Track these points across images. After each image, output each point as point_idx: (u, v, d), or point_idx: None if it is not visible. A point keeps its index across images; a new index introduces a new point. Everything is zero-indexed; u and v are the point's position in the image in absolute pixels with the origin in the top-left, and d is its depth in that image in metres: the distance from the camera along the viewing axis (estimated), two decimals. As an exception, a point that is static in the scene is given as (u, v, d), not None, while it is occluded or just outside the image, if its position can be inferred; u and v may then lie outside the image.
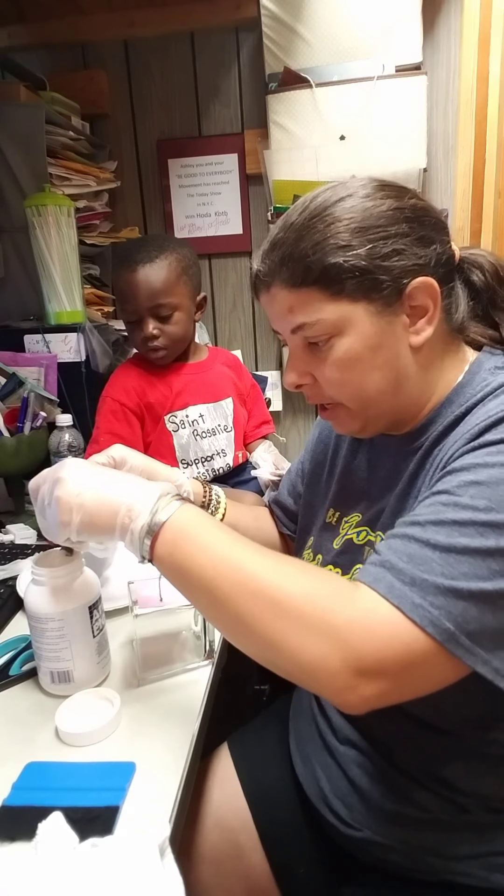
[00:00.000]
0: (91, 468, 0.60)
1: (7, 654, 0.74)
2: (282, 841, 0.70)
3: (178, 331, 1.18)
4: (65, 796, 0.53)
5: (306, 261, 0.57)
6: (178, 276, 1.15)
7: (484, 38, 1.51)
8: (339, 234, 0.57)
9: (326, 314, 0.58)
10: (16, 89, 1.40)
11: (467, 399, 0.59)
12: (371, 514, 0.67)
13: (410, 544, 0.50)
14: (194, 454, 1.23)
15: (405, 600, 0.47)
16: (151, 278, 1.13)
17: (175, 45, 1.72)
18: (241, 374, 1.39)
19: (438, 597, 0.46)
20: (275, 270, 0.60)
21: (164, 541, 0.54)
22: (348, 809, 0.63)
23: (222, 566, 0.52)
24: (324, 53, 1.55)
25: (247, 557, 0.52)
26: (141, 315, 1.15)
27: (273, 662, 0.51)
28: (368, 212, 0.57)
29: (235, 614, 0.51)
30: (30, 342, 1.35)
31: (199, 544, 0.53)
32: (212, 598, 0.52)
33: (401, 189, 0.61)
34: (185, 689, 0.68)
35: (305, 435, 1.95)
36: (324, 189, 0.60)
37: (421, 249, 0.58)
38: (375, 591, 0.49)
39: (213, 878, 0.69)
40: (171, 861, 0.46)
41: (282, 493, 0.89)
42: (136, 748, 0.59)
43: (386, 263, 0.57)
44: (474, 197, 1.60)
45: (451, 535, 0.48)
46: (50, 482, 0.59)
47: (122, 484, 0.58)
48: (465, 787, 0.58)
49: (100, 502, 0.56)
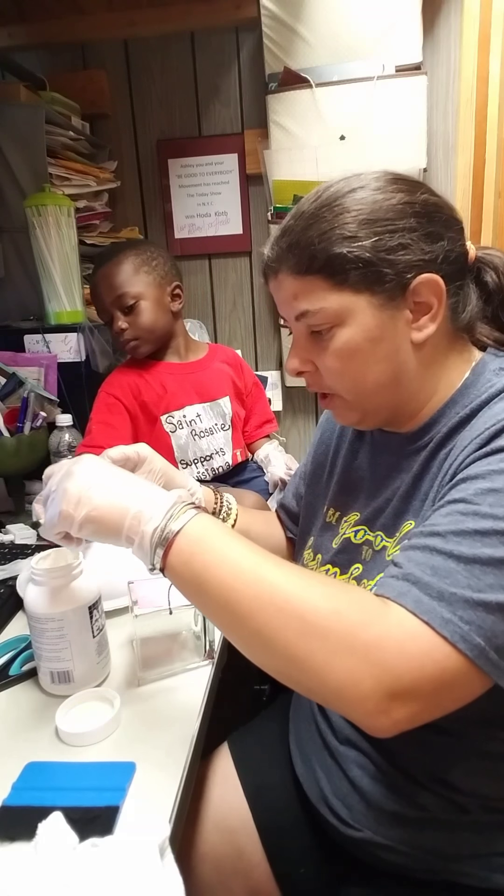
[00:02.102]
0: (107, 467, 0.59)
1: (7, 654, 0.74)
2: (282, 841, 0.70)
3: (146, 320, 1.20)
4: (65, 796, 0.53)
5: (311, 249, 0.58)
6: (135, 268, 1.20)
7: (484, 38, 1.51)
8: (346, 224, 0.57)
9: (329, 303, 0.58)
10: (16, 89, 1.40)
11: (472, 400, 0.59)
12: (369, 513, 0.67)
13: (433, 556, 0.49)
14: (193, 454, 1.23)
15: (434, 615, 0.46)
16: (109, 275, 1.19)
17: (175, 45, 1.72)
18: (242, 372, 1.39)
19: (468, 611, 0.45)
20: (282, 257, 0.61)
21: (179, 550, 0.52)
22: (348, 810, 0.63)
23: (242, 578, 0.50)
24: (324, 53, 1.55)
25: (268, 570, 0.50)
26: (109, 312, 1.20)
27: (298, 681, 0.49)
28: (378, 204, 0.57)
29: (257, 630, 0.49)
30: (30, 342, 1.35)
31: (217, 555, 0.51)
32: (231, 613, 0.50)
33: (414, 183, 0.60)
34: (185, 689, 0.68)
35: (305, 435, 1.95)
36: (338, 179, 0.60)
37: (427, 245, 0.58)
38: (403, 606, 0.47)
39: (213, 878, 0.69)
40: (171, 861, 0.45)
41: (287, 497, 0.89)
42: (136, 748, 0.59)
43: (391, 257, 0.57)
44: (474, 197, 1.60)
45: (473, 546, 0.47)
46: (62, 473, 0.58)
47: (135, 487, 0.57)
48: (466, 787, 0.58)
49: (110, 501, 0.55)
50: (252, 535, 0.85)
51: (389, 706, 0.45)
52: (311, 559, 0.73)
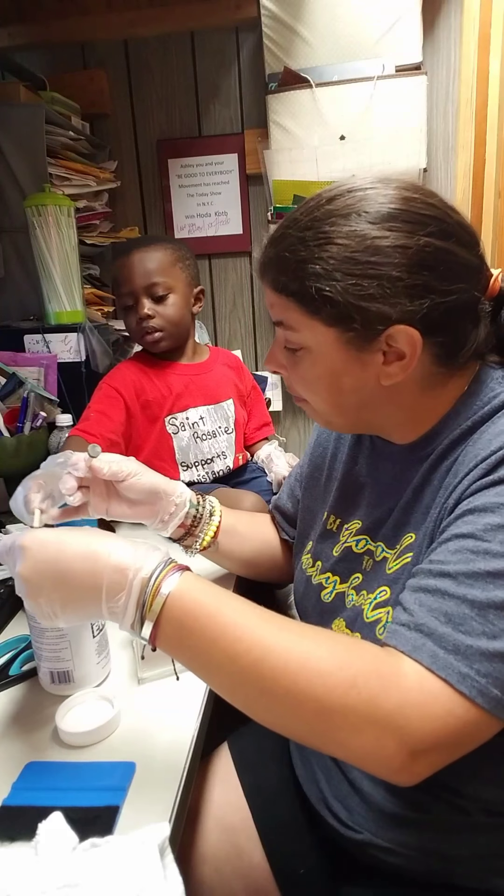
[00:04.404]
0: (51, 551, 0.52)
1: (7, 654, 0.74)
2: (282, 841, 0.70)
3: (174, 314, 1.19)
4: (65, 796, 0.53)
5: (288, 274, 0.57)
6: (173, 261, 1.19)
7: (484, 38, 1.51)
8: (325, 258, 0.54)
9: (300, 327, 0.58)
10: (16, 89, 1.40)
11: (475, 412, 0.57)
12: (371, 522, 0.66)
13: (445, 601, 0.47)
14: (194, 456, 1.23)
15: (451, 671, 0.45)
16: (146, 259, 1.17)
17: (175, 45, 1.72)
18: (243, 375, 1.39)
19: (484, 663, 0.45)
20: (266, 266, 0.60)
21: (166, 635, 0.50)
22: (348, 811, 0.63)
23: (240, 662, 0.47)
24: (324, 53, 1.55)
25: (268, 643, 0.47)
26: (136, 296, 1.17)
27: (318, 748, 0.49)
28: (367, 242, 0.53)
29: (265, 712, 0.48)
30: (30, 342, 1.35)
31: (205, 639, 0.49)
32: (238, 700, 0.49)
33: (422, 222, 0.53)
34: (185, 689, 0.68)
35: (305, 435, 1.95)
36: (347, 189, 0.56)
37: (408, 300, 0.53)
38: (418, 663, 0.46)
39: (213, 878, 0.69)
40: (171, 861, 0.45)
41: (281, 499, 0.89)
42: (136, 748, 0.59)
43: (363, 304, 0.53)
44: (474, 197, 1.60)
45: (486, 589, 0.46)
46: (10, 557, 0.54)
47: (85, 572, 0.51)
48: (465, 790, 0.58)
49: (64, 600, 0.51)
50: (238, 534, 0.85)
51: (412, 763, 0.45)
52: (311, 565, 0.73)
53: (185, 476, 1.22)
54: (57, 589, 0.51)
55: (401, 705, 0.45)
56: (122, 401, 1.18)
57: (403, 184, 0.56)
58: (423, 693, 0.45)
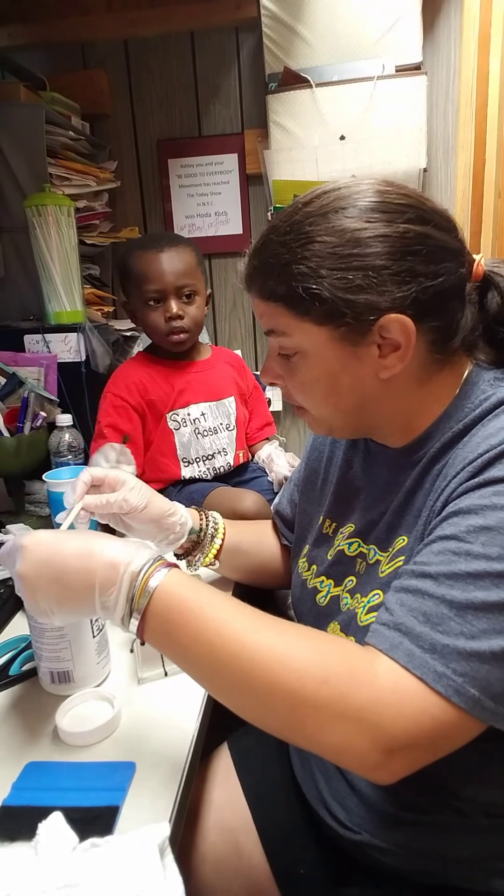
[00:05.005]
0: (46, 556, 0.54)
1: (7, 654, 0.74)
2: (282, 841, 0.70)
3: (199, 315, 1.22)
4: (65, 796, 0.53)
5: (273, 279, 0.57)
6: (197, 264, 1.21)
7: (484, 38, 1.51)
8: (308, 258, 0.54)
9: (292, 332, 0.58)
10: (16, 89, 1.40)
11: (466, 415, 0.57)
12: (363, 525, 0.66)
13: (424, 601, 0.48)
14: (195, 452, 1.23)
15: (427, 670, 0.45)
16: (177, 259, 1.18)
17: (175, 45, 1.72)
18: (244, 375, 1.40)
19: (461, 662, 0.45)
20: (252, 277, 0.60)
21: (152, 629, 0.52)
22: (346, 812, 0.63)
23: (217, 655, 0.49)
24: (324, 53, 1.55)
25: (247, 638, 0.49)
26: (167, 294, 1.18)
27: (295, 743, 0.50)
28: (347, 235, 0.53)
29: (243, 705, 0.49)
30: (30, 342, 1.35)
31: (188, 634, 0.50)
32: (220, 693, 0.51)
33: (399, 209, 0.54)
34: (185, 689, 0.68)
35: (305, 435, 1.95)
36: (322, 192, 0.57)
37: (396, 287, 0.53)
38: (395, 661, 0.47)
39: (213, 878, 0.69)
40: (171, 861, 0.45)
41: (281, 504, 0.89)
42: (136, 748, 0.59)
43: (351, 297, 0.53)
44: (474, 197, 1.60)
45: (466, 590, 0.46)
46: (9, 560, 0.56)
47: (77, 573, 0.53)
48: (464, 792, 0.58)
49: (60, 597, 0.53)
50: (243, 549, 0.86)
51: (388, 761, 0.46)
52: (306, 569, 0.73)
53: (187, 472, 1.22)
54: (53, 585, 0.53)
55: (373, 702, 0.46)
56: (129, 406, 1.19)
57: (375, 180, 0.57)
58: (397, 691, 0.46)
